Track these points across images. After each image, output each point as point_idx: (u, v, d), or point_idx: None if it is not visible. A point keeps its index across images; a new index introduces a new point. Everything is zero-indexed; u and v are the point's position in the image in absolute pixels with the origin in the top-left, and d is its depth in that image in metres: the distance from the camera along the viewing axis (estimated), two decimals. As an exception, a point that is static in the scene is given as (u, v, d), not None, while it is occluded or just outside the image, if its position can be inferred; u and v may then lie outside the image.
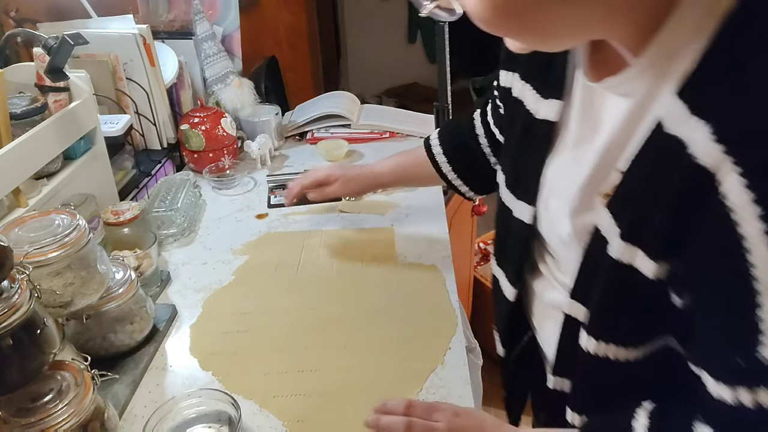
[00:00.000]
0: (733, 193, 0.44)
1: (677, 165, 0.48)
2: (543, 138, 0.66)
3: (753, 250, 0.44)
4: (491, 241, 2.21)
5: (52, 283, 0.79)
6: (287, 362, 0.91)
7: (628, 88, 0.54)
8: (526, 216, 0.70)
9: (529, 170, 0.68)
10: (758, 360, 0.46)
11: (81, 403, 0.70)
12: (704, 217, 0.47)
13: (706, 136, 0.46)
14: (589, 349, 0.62)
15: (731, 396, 0.49)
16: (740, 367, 0.47)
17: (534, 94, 0.68)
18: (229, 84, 1.54)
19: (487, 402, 1.92)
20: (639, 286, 0.54)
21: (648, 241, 0.53)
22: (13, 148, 0.95)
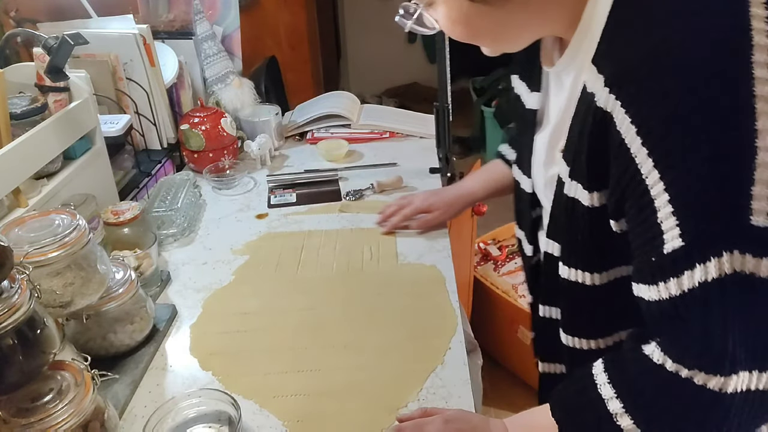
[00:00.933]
0: (622, 125, 0.57)
1: (590, 112, 0.62)
2: (530, 123, 0.81)
3: (642, 166, 0.56)
4: (491, 240, 2.22)
5: (52, 283, 0.79)
6: (287, 362, 0.91)
7: (570, 67, 0.69)
8: (528, 186, 0.85)
9: (525, 149, 0.83)
10: (664, 254, 0.56)
11: (81, 403, 0.70)
12: (610, 148, 0.60)
13: (601, 84, 0.59)
14: (565, 276, 0.74)
15: (656, 293, 0.59)
16: (655, 264, 0.58)
17: (525, 88, 0.82)
18: (229, 84, 1.54)
19: (487, 402, 1.92)
20: (585, 216, 0.68)
21: (582, 176, 0.66)
22: (13, 148, 0.95)
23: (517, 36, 0.69)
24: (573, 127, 0.67)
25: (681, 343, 0.59)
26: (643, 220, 0.58)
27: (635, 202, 0.59)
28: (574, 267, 0.73)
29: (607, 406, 0.63)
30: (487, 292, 2.01)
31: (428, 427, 0.75)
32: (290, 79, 2.15)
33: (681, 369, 0.58)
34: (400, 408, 0.82)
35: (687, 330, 0.58)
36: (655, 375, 0.60)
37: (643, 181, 0.57)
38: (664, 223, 0.56)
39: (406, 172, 1.43)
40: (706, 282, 0.54)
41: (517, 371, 2.07)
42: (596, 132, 0.62)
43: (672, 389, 0.59)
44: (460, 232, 1.73)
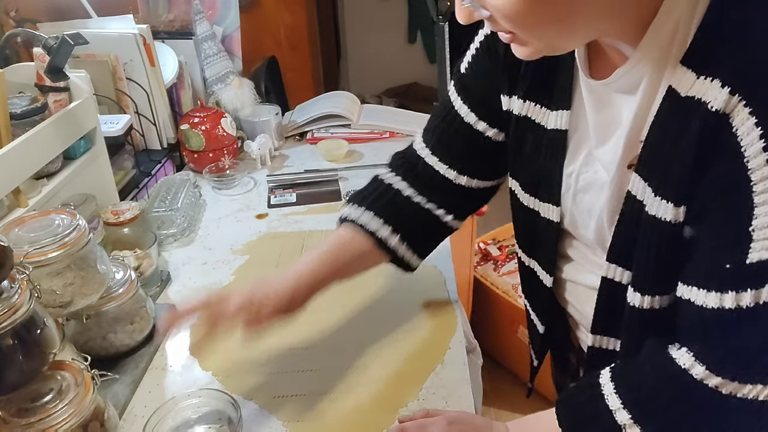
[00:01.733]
0: (743, 128, 0.52)
1: (695, 117, 0.55)
2: (557, 145, 0.72)
3: (755, 171, 0.52)
4: (491, 240, 2.22)
5: (52, 283, 0.79)
6: (287, 362, 0.91)
7: (632, 77, 0.61)
8: (555, 215, 0.76)
9: (549, 175, 0.74)
10: (745, 264, 0.53)
11: (81, 403, 0.70)
12: (718, 154, 0.54)
13: (717, 87, 0.53)
14: (636, 304, 0.67)
15: (717, 301, 0.55)
16: (729, 272, 0.54)
17: (539, 108, 0.74)
18: (229, 84, 1.54)
19: (487, 402, 1.92)
20: (667, 235, 0.61)
21: (671, 189, 0.60)
22: (13, 148, 0.95)
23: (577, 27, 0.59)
24: (658, 137, 0.60)
25: (725, 352, 0.57)
26: (729, 222, 0.55)
27: (727, 205, 0.55)
28: (650, 294, 0.66)
29: (614, 417, 0.62)
30: (487, 292, 2.01)
31: (431, 428, 0.75)
32: (290, 79, 2.15)
33: (711, 377, 0.57)
34: (400, 408, 0.82)
35: (737, 340, 0.56)
36: (676, 380, 0.59)
37: (749, 186, 0.52)
38: (757, 233, 0.53)
39: (406, 172, 1.43)
40: None
41: (517, 371, 2.07)
42: (705, 138, 0.55)
43: (692, 396, 0.58)
44: (460, 232, 1.73)
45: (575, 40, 0.63)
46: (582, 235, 0.76)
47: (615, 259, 0.69)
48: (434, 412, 0.78)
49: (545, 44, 0.61)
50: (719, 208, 0.56)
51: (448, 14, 1.27)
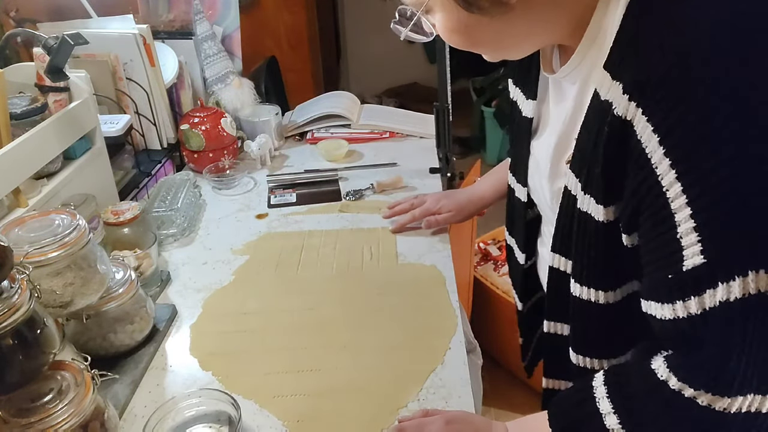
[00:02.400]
0: (644, 135, 0.54)
1: (606, 121, 0.59)
2: (525, 131, 0.80)
3: (663, 178, 0.53)
4: (491, 240, 2.22)
5: (52, 283, 0.79)
6: (287, 362, 0.91)
7: (574, 74, 0.66)
8: (522, 194, 0.84)
9: (520, 158, 0.82)
10: (683, 272, 0.54)
11: (81, 403, 0.70)
12: (629, 159, 0.57)
13: (620, 92, 0.56)
14: (577, 294, 0.71)
15: (671, 312, 0.56)
16: (672, 281, 0.55)
17: (521, 95, 0.81)
18: (229, 84, 1.54)
19: (487, 402, 1.92)
20: (599, 231, 0.64)
21: (595, 189, 0.63)
22: (13, 148, 0.95)
23: (518, 45, 0.67)
24: (583, 137, 0.64)
25: (692, 362, 0.57)
26: (659, 234, 0.56)
27: (652, 215, 0.56)
28: (587, 285, 0.69)
29: (604, 421, 0.63)
30: (487, 292, 2.01)
31: (430, 427, 0.75)
32: (290, 79, 2.15)
33: (685, 388, 0.57)
34: (400, 408, 0.82)
35: (701, 350, 0.56)
36: (657, 392, 0.59)
37: (663, 194, 0.53)
38: (684, 239, 0.53)
39: (406, 172, 1.43)
40: (728, 301, 0.52)
41: (517, 371, 2.07)
42: (614, 142, 0.58)
43: (673, 408, 0.58)
44: (460, 232, 1.73)
45: (521, 51, 0.69)
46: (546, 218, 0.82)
47: (558, 248, 0.74)
48: (433, 411, 0.78)
49: (492, 56, 0.70)
50: (646, 218, 0.57)
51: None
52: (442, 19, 0.64)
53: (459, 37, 0.65)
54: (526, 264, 0.89)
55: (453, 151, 1.43)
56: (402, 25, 0.69)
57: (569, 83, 0.69)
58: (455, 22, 0.63)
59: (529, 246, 0.88)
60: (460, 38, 0.65)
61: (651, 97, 0.54)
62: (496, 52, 0.69)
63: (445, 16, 0.63)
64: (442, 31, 0.65)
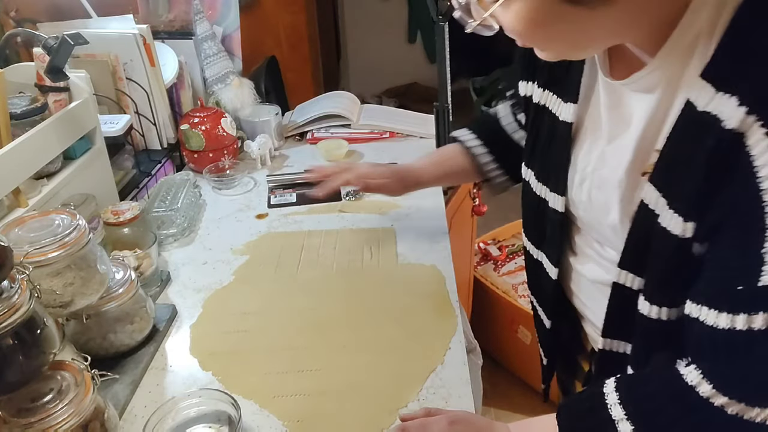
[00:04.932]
0: (758, 148, 0.52)
1: (710, 133, 0.55)
2: (565, 137, 0.75)
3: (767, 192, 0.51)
4: (491, 240, 2.22)
5: (52, 283, 0.79)
6: (287, 362, 0.91)
7: (648, 82, 0.62)
8: (560, 205, 0.78)
9: (557, 165, 0.76)
10: (757, 287, 0.53)
11: (81, 403, 0.70)
12: (732, 171, 0.54)
13: (734, 105, 0.53)
14: (646, 312, 0.68)
15: (728, 322, 0.55)
16: (741, 294, 0.54)
17: (556, 99, 0.76)
18: (229, 84, 1.54)
19: (487, 402, 1.92)
20: (676, 248, 0.61)
21: (683, 203, 0.60)
22: (13, 148, 0.95)
23: (592, 44, 0.63)
24: (673, 150, 0.61)
25: (734, 372, 0.57)
26: (741, 245, 0.55)
27: (739, 225, 0.55)
28: (658, 304, 0.67)
29: (617, 427, 0.62)
30: (487, 292, 2.01)
31: (432, 427, 0.74)
32: (290, 79, 2.15)
33: (717, 396, 0.57)
34: (400, 408, 0.82)
35: (749, 362, 0.56)
36: (682, 397, 0.59)
37: (762, 208, 0.52)
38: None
39: (406, 172, 1.43)
40: None
41: (517, 371, 2.07)
42: (719, 156, 0.55)
43: (697, 414, 0.58)
44: (460, 232, 1.73)
45: (589, 52, 0.66)
46: (598, 231, 0.76)
47: (627, 265, 0.70)
48: (435, 411, 0.78)
49: (558, 54, 0.64)
50: (732, 228, 0.56)
51: (448, 14, 1.27)
52: (527, 9, 0.56)
53: (537, 31, 0.58)
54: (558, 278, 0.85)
55: (453, 151, 1.43)
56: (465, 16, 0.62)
57: (639, 91, 0.64)
58: (539, 12, 0.56)
59: (561, 258, 0.84)
60: (537, 31, 0.59)
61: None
62: (565, 50, 0.64)
63: (532, 6, 0.56)
64: (517, 23, 0.58)
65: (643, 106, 0.64)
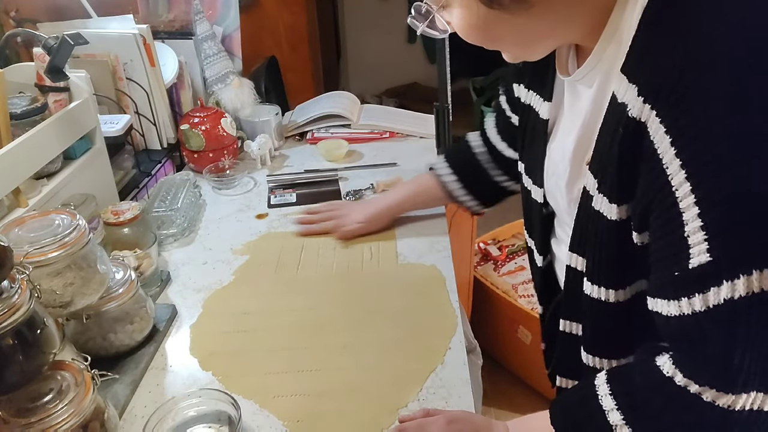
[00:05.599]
0: (656, 136, 0.55)
1: (621, 122, 0.59)
2: (541, 133, 0.79)
3: (673, 177, 0.54)
4: (491, 240, 2.22)
5: (52, 283, 0.79)
6: (287, 362, 0.91)
7: (590, 76, 0.67)
8: (539, 196, 0.83)
9: (536, 160, 0.81)
10: (689, 269, 0.55)
11: (81, 403, 0.70)
12: (641, 159, 0.58)
13: (635, 94, 0.57)
14: (588, 292, 0.72)
15: (676, 309, 0.57)
16: (678, 279, 0.56)
17: (538, 98, 0.80)
18: (229, 84, 1.54)
19: (487, 402, 1.92)
20: (610, 230, 0.65)
21: (609, 188, 0.64)
22: (13, 148, 0.95)
23: (537, 43, 0.67)
24: (601, 138, 0.65)
25: (697, 358, 0.58)
26: (667, 232, 0.57)
27: (661, 213, 0.57)
28: (598, 284, 0.70)
29: (607, 418, 0.63)
30: (487, 292, 2.01)
31: (431, 427, 0.75)
32: (290, 79, 2.15)
33: (691, 384, 0.57)
34: (400, 408, 0.82)
35: (705, 346, 0.56)
36: (662, 388, 0.60)
37: (673, 194, 0.55)
38: (692, 237, 0.54)
39: (406, 172, 1.43)
40: (732, 299, 0.53)
41: (517, 371, 2.07)
42: (627, 143, 0.59)
43: (678, 404, 0.59)
44: (460, 232, 1.73)
45: (540, 51, 0.69)
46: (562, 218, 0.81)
47: (575, 248, 0.74)
48: (434, 411, 0.79)
49: (513, 55, 0.70)
50: (656, 217, 0.58)
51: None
52: (461, 15, 0.63)
53: (478, 34, 0.64)
54: (543, 265, 0.89)
55: (453, 151, 1.43)
56: (418, 21, 0.68)
57: (585, 86, 0.69)
58: (475, 17, 0.62)
59: (545, 246, 0.88)
60: (479, 34, 0.64)
61: (665, 100, 0.55)
62: (516, 49, 0.69)
63: (464, 12, 0.62)
64: (459, 27, 0.64)
65: (587, 98, 0.68)
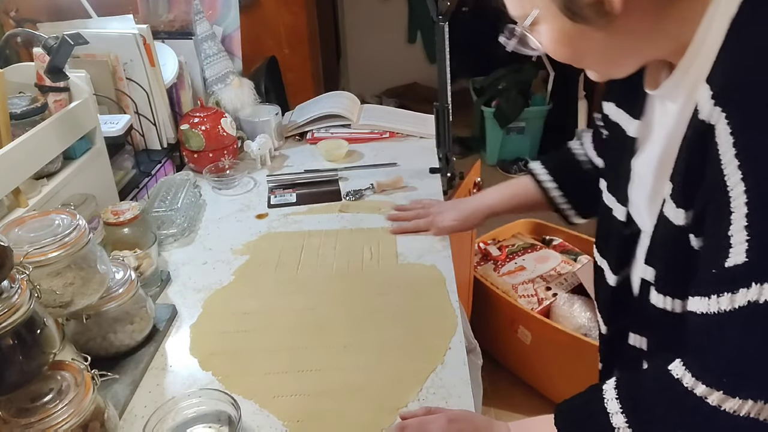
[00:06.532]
0: (721, 136, 0.55)
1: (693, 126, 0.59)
2: (628, 150, 0.78)
3: (730, 178, 0.54)
4: (491, 240, 2.22)
5: (52, 283, 0.79)
6: (287, 362, 0.91)
7: (675, 92, 0.66)
8: (621, 214, 0.81)
9: (620, 177, 0.80)
10: (725, 268, 0.55)
11: (81, 403, 0.70)
12: (707, 163, 0.57)
13: (708, 97, 0.57)
14: (655, 303, 0.70)
15: (704, 306, 0.57)
16: (713, 276, 0.56)
17: (627, 116, 0.79)
18: (229, 84, 1.54)
19: (487, 402, 1.92)
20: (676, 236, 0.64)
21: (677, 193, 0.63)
22: (13, 148, 0.95)
23: (622, 60, 0.67)
24: (681, 149, 0.64)
25: (709, 358, 0.57)
26: (716, 231, 0.56)
27: (714, 213, 0.57)
28: (664, 293, 0.69)
29: (611, 420, 0.63)
30: (487, 292, 2.01)
31: (431, 426, 0.75)
32: (290, 79, 2.15)
33: (698, 385, 0.57)
34: (400, 408, 0.82)
35: (721, 346, 0.56)
36: (668, 390, 0.60)
37: (727, 193, 0.54)
38: (735, 237, 0.54)
39: (406, 172, 1.43)
40: (757, 303, 0.53)
41: (517, 371, 2.07)
42: (696, 146, 0.59)
43: (682, 406, 0.58)
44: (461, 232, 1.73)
45: (625, 67, 0.69)
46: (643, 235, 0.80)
47: (648, 259, 0.73)
48: (436, 409, 0.79)
49: (599, 72, 0.70)
50: (710, 216, 0.58)
51: (448, 14, 1.27)
52: (548, 31, 0.64)
53: (564, 50, 0.65)
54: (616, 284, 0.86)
55: (453, 151, 1.44)
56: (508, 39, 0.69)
57: (671, 101, 0.68)
58: (560, 33, 0.63)
59: (620, 266, 0.85)
60: (565, 51, 0.65)
61: (733, 100, 0.55)
62: (601, 67, 0.69)
63: (551, 28, 0.63)
64: (548, 44, 0.65)
65: (674, 112, 0.67)
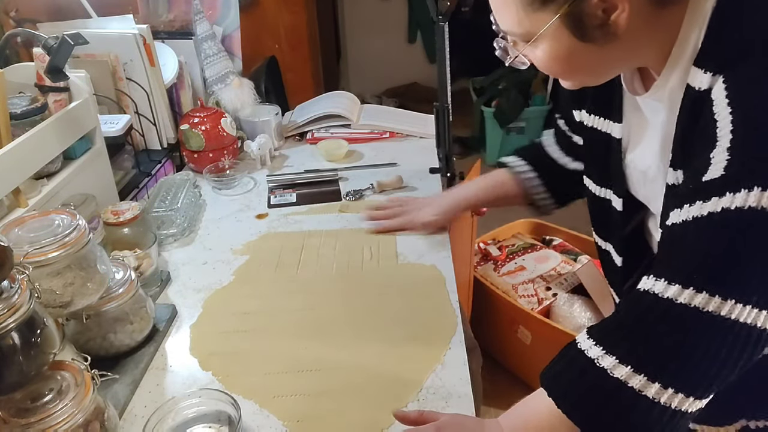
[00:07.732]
0: (718, 99, 0.59)
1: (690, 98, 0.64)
2: (615, 150, 0.84)
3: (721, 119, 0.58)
4: (491, 240, 2.22)
5: (52, 283, 0.79)
6: (287, 362, 0.91)
7: (660, 93, 0.70)
8: (619, 205, 0.87)
9: (616, 174, 0.85)
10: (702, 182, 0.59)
11: (81, 403, 0.70)
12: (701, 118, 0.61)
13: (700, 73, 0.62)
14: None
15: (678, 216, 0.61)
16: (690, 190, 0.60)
17: (605, 121, 0.85)
18: (229, 84, 1.54)
19: (487, 402, 1.92)
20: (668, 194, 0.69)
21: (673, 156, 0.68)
22: (13, 148, 0.95)
23: (609, 70, 0.72)
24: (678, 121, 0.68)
25: (682, 257, 0.60)
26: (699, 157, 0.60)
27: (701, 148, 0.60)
28: None
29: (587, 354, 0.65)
30: (487, 292, 2.01)
31: None
32: (290, 79, 2.15)
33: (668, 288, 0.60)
34: (400, 408, 0.82)
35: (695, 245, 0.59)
36: (638, 303, 0.63)
37: (716, 132, 0.58)
38: (716, 158, 0.57)
39: (406, 172, 1.43)
40: (729, 209, 0.56)
41: (517, 371, 2.07)
42: (691, 113, 0.63)
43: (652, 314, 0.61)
44: (460, 232, 1.73)
45: (606, 78, 0.74)
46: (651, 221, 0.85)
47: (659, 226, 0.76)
48: (429, 414, 0.78)
49: (579, 83, 0.75)
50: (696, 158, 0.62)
51: (448, 14, 1.26)
52: (549, 48, 0.67)
53: (560, 65, 0.69)
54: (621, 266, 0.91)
55: (453, 151, 1.43)
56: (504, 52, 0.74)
57: (657, 101, 0.71)
58: (563, 50, 0.67)
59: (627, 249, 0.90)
60: (561, 66, 0.70)
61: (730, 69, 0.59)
62: (588, 78, 0.74)
63: (554, 45, 0.67)
64: (542, 59, 0.69)
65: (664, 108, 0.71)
